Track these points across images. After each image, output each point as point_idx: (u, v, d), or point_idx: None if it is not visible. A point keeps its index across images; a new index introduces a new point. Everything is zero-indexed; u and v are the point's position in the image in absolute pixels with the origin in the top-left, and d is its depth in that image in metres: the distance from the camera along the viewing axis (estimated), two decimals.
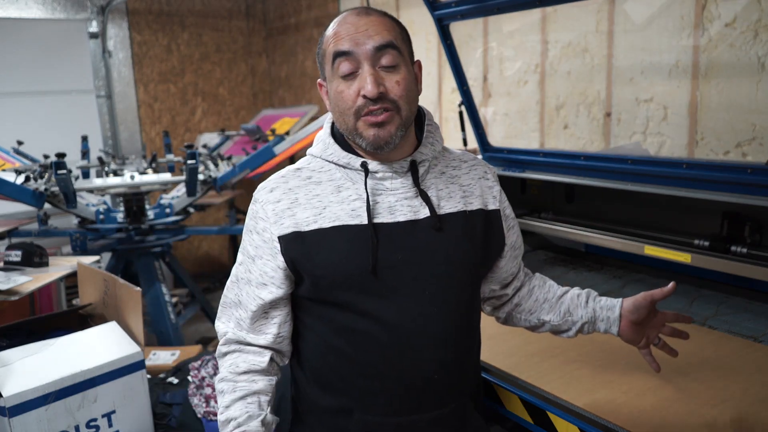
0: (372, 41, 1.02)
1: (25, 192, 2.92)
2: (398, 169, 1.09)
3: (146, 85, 5.11)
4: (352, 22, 1.04)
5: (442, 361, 1.09)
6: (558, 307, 1.25)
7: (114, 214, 3.38)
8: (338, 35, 1.04)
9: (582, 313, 1.22)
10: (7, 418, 1.24)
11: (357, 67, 1.03)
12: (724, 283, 1.94)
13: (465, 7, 2.06)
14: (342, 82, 1.04)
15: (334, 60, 1.04)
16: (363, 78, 1.02)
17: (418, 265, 1.07)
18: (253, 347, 1.14)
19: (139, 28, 5.03)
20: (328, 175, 1.11)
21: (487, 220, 1.16)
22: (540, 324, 1.28)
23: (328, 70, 1.07)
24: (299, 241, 1.07)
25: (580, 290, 1.26)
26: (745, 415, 1.23)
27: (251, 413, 1.07)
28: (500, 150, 2.40)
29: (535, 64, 3.01)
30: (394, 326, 1.06)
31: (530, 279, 1.33)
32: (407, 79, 1.05)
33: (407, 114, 1.06)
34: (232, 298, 1.16)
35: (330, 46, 1.05)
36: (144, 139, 5.11)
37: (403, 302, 1.06)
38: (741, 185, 1.65)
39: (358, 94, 1.02)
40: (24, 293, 2.09)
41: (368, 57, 1.02)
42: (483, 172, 1.20)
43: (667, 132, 2.48)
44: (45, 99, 4.71)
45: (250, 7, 5.51)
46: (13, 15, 4.43)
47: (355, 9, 1.07)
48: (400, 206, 1.08)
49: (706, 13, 2.28)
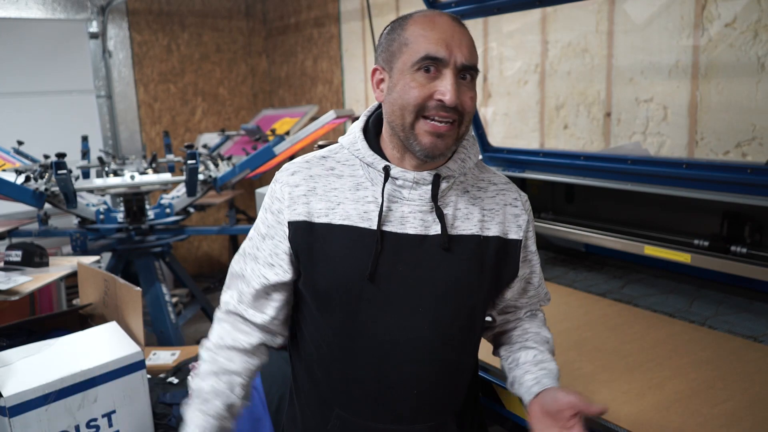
0: (463, 56, 1.00)
1: (25, 192, 2.93)
2: (420, 180, 1.05)
3: (146, 85, 5.11)
4: (447, 28, 1.01)
5: (423, 378, 1.08)
6: (509, 357, 1.18)
7: (114, 214, 3.38)
8: (431, 37, 1.00)
9: (510, 376, 1.16)
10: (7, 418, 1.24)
11: (440, 69, 1.00)
12: (724, 283, 1.94)
13: (465, 7, 2.06)
14: (419, 77, 1.00)
15: (422, 59, 1.00)
16: (445, 84, 0.99)
17: (417, 281, 1.05)
18: (246, 325, 1.14)
19: (139, 28, 5.03)
20: (351, 170, 1.09)
21: (503, 249, 1.11)
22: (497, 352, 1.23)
23: (403, 61, 1.02)
24: (308, 230, 1.06)
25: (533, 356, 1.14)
26: (745, 415, 1.23)
27: (219, 391, 1.09)
28: (500, 150, 2.40)
29: (535, 64, 3.01)
30: (381, 336, 1.05)
31: (530, 320, 1.23)
32: (475, 99, 1.05)
33: (465, 130, 1.04)
34: (237, 270, 1.16)
35: (421, 44, 1.00)
36: (144, 139, 5.12)
37: (394, 314, 1.05)
38: (741, 185, 1.65)
39: (431, 95, 0.99)
40: (24, 293, 2.09)
41: (455, 68, 1.00)
42: (513, 198, 1.15)
43: (667, 132, 2.48)
44: (45, 99, 4.72)
45: (250, 7, 5.51)
46: (13, 15, 4.44)
47: (440, 13, 1.05)
48: (412, 218, 1.06)
49: (706, 13, 2.28)
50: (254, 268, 1.12)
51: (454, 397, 1.14)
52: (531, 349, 1.15)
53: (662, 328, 1.68)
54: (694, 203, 1.85)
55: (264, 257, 1.11)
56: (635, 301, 1.89)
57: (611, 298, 1.92)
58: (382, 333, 1.05)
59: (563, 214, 2.33)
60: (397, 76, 1.03)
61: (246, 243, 1.17)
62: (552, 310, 1.82)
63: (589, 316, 1.77)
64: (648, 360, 1.49)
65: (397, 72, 1.03)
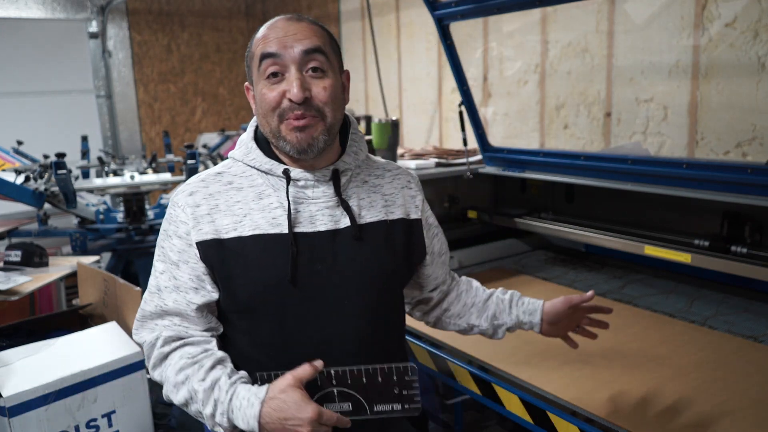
0: (300, 45, 1.02)
1: (24, 192, 2.92)
2: (320, 177, 1.08)
3: (146, 85, 5.11)
4: (282, 27, 1.04)
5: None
6: (485, 311, 1.29)
7: (114, 214, 3.38)
8: (267, 38, 1.04)
9: (507, 319, 1.27)
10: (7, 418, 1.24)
11: (284, 70, 1.02)
12: (724, 283, 1.94)
13: (465, 7, 2.06)
14: (268, 83, 1.03)
15: (261, 62, 1.03)
16: (289, 81, 1.01)
17: (338, 275, 1.07)
18: (198, 336, 1.08)
19: (139, 28, 5.03)
20: (249, 181, 1.10)
21: (408, 229, 1.17)
22: (469, 328, 1.31)
23: (254, 72, 1.06)
24: (219, 248, 1.05)
25: (503, 293, 1.30)
26: (745, 415, 1.23)
27: (231, 371, 1.02)
28: (500, 150, 2.40)
29: (535, 64, 3.01)
30: (314, 338, 1.06)
31: (458, 284, 1.35)
32: (334, 86, 1.05)
33: (332, 121, 1.05)
34: (152, 309, 1.09)
35: (258, 48, 1.04)
36: (144, 139, 5.11)
37: (322, 313, 1.06)
38: (741, 185, 1.65)
39: (282, 96, 1.02)
40: (24, 293, 2.08)
41: (296, 61, 1.02)
42: (406, 181, 1.21)
43: (667, 132, 2.48)
44: (45, 99, 4.71)
45: (250, 7, 5.51)
46: (13, 15, 4.43)
47: (286, 15, 1.07)
48: (321, 216, 1.08)
49: (706, 13, 2.27)
50: (176, 299, 1.08)
51: None
52: (494, 293, 1.31)
53: (662, 328, 1.68)
54: (694, 203, 1.85)
55: (185, 284, 1.07)
56: (635, 301, 1.88)
57: (611, 298, 1.92)
58: (314, 335, 1.06)
59: (563, 214, 2.33)
60: (255, 87, 1.07)
61: (156, 279, 1.10)
62: None
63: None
64: (648, 360, 1.49)
65: (255, 83, 1.07)
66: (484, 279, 1.40)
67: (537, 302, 1.26)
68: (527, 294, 1.30)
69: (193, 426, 1.63)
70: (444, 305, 1.32)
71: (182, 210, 1.08)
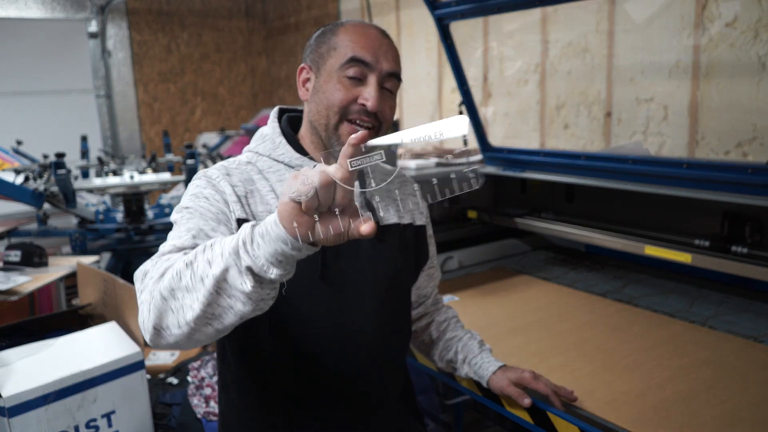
0: (388, 64, 1.07)
1: (24, 192, 2.92)
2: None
3: (146, 85, 5.11)
4: (375, 37, 1.08)
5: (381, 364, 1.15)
6: (445, 354, 1.35)
7: (113, 214, 3.38)
8: (359, 43, 1.06)
9: (460, 371, 1.34)
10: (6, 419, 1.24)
11: (364, 78, 1.06)
12: (725, 283, 1.94)
13: (465, 6, 2.06)
14: (346, 82, 1.05)
15: (349, 62, 1.05)
16: (370, 90, 1.05)
17: (360, 274, 1.11)
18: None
19: (138, 28, 5.03)
20: (278, 176, 1.08)
21: (416, 234, 1.23)
22: (427, 355, 1.39)
23: (331, 64, 1.07)
24: None
25: (467, 340, 1.34)
26: (745, 415, 1.22)
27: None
28: (500, 150, 2.40)
29: (535, 64, 3.01)
30: (339, 333, 1.09)
31: (437, 313, 1.39)
32: (394, 109, 1.12)
33: (381, 135, 1.09)
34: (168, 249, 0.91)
35: (348, 47, 1.06)
36: (143, 138, 5.11)
37: (343, 310, 1.09)
38: (741, 185, 1.65)
39: (355, 99, 1.05)
40: (24, 293, 2.08)
41: (380, 76, 1.06)
42: (413, 189, 1.28)
43: (668, 132, 2.48)
44: (45, 99, 4.71)
45: (250, 6, 5.50)
46: (13, 15, 4.43)
47: (371, 25, 1.11)
48: None
49: (706, 13, 2.27)
50: (204, 225, 0.96)
51: (399, 374, 1.26)
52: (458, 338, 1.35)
53: (662, 328, 1.68)
54: (694, 203, 1.85)
55: (214, 215, 0.98)
56: (635, 301, 1.88)
57: (611, 299, 1.92)
58: (337, 330, 1.09)
59: (563, 214, 2.33)
60: (324, 78, 1.07)
61: (179, 213, 0.98)
62: (552, 310, 1.82)
63: (589, 317, 1.77)
64: (648, 360, 1.48)
65: (324, 74, 1.08)
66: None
67: (486, 370, 1.28)
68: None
69: (193, 426, 1.63)
70: (414, 327, 1.37)
71: (218, 181, 1.02)
